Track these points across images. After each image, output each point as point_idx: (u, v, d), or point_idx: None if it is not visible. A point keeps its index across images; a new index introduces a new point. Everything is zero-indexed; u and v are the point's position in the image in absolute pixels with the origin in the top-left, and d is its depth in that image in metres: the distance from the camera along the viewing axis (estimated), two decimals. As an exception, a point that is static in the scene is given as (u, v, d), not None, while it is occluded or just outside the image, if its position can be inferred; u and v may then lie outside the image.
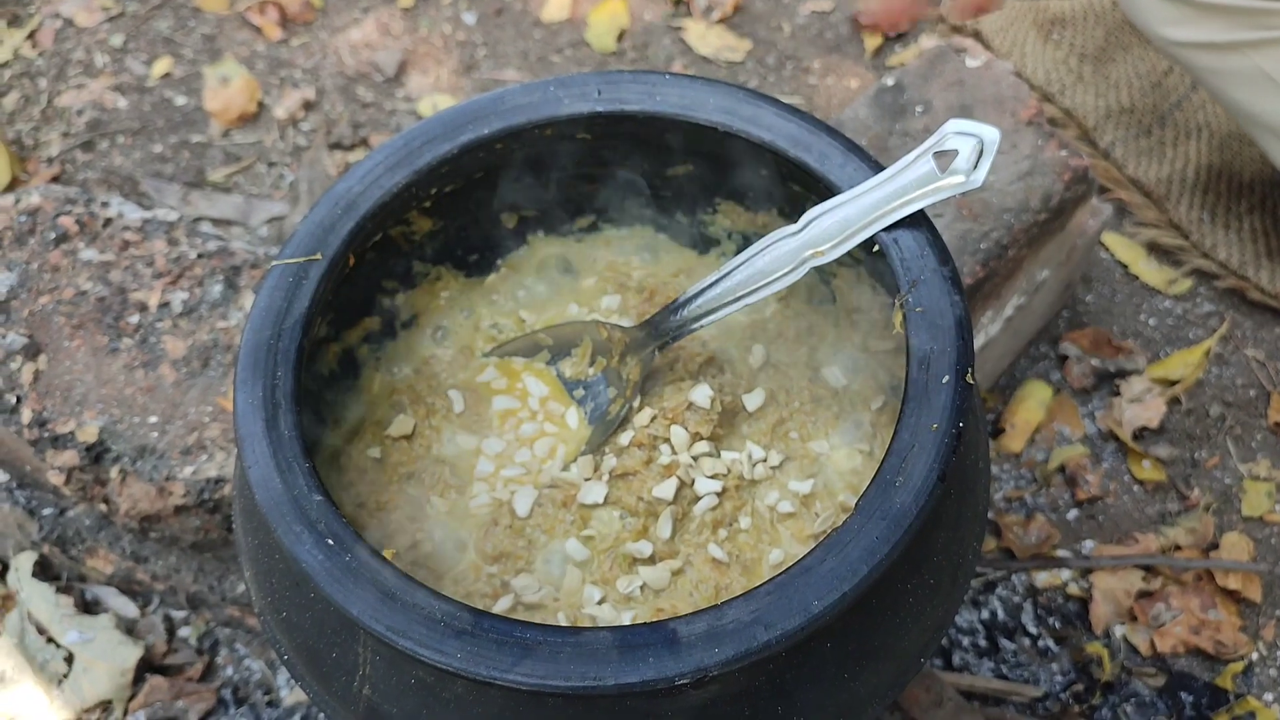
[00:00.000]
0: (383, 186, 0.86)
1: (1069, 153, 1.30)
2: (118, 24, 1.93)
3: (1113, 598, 1.29)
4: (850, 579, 0.68)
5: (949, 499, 0.78)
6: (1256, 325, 1.52)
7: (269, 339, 0.78)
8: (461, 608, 0.67)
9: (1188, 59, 1.35)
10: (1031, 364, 1.49)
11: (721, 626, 0.67)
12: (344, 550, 0.69)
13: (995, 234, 1.24)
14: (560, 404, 0.93)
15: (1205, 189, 1.61)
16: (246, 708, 1.24)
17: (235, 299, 1.18)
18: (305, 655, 0.77)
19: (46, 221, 1.21)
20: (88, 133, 1.79)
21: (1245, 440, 1.43)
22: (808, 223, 0.81)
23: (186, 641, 1.28)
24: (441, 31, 1.91)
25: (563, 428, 0.91)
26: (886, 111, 1.33)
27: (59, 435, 1.09)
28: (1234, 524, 1.36)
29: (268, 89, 1.84)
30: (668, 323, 0.88)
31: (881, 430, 0.89)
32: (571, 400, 0.92)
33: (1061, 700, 1.23)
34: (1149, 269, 1.58)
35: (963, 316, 0.78)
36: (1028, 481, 1.40)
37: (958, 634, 1.26)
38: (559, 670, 0.65)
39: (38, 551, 1.28)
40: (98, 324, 1.15)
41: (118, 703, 1.22)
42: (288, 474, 0.72)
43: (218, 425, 1.10)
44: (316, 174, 1.73)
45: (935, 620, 0.80)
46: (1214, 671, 1.26)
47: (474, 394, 0.93)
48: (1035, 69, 1.72)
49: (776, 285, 0.82)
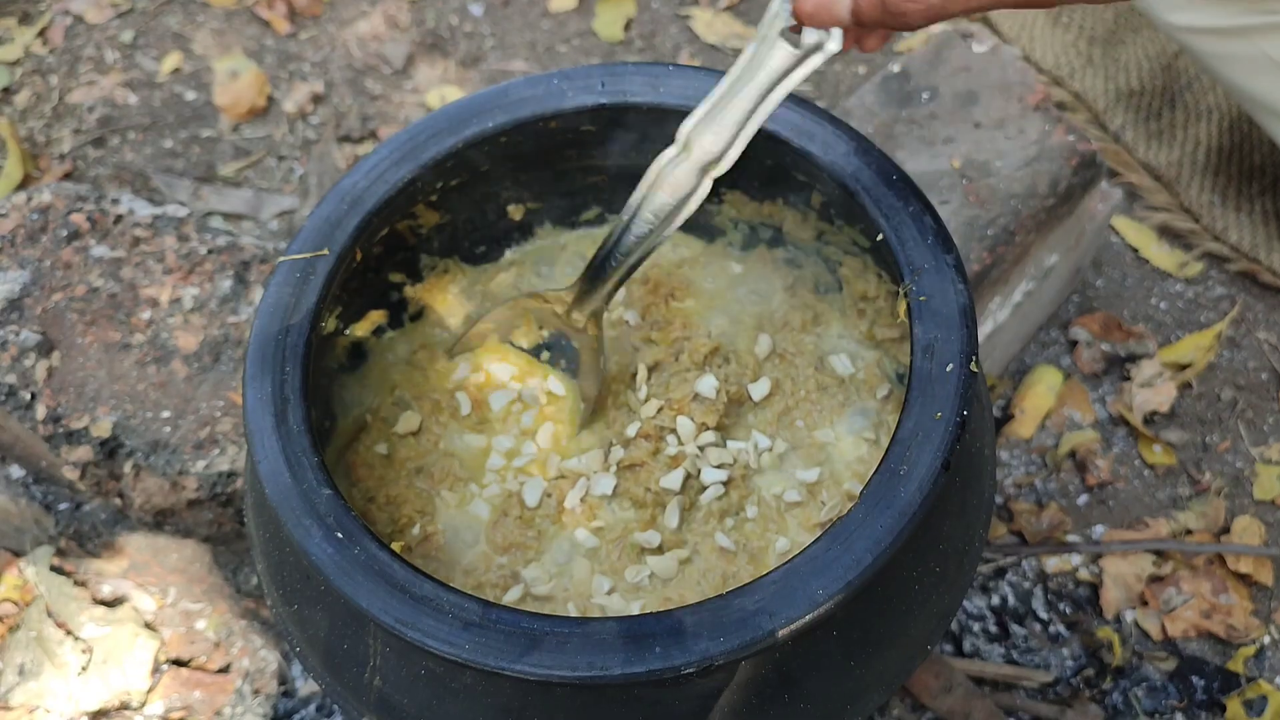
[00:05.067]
0: (388, 181, 0.87)
1: (1077, 137, 1.30)
2: (127, 20, 1.93)
3: (1123, 582, 1.29)
4: (855, 568, 0.68)
5: (954, 487, 0.78)
6: (1268, 308, 1.52)
7: (277, 334, 0.79)
8: (469, 599, 0.68)
9: (1193, 44, 1.35)
10: (1041, 349, 1.49)
11: (727, 616, 0.67)
12: (353, 543, 0.70)
13: (1002, 220, 1.24)
14: (538, 375, 0.93)
15: (1216, 172, 1.60)
16: (262, 698, 1.25)
17: (245, 294, 1.18)
18: (317, 647, 0.77)
19: (58, 219, 1.22)
20: (99, 129, 1.80)
21: (1257, 424, 1.43)
22: (685, 142, 0.79)
23: (203, 634, 1.29)
24: (449, 23, 1.91)
25: (552, 399, 0.92)
26: (893, 98, 1.33)
27: (73, 431, 1.10)
28: (1245, 508, 1.36)
29: (277, 83, 1.84)
30: (602, 275, 0.86)
31: (887, 418, 0.90)
32: (542, 364, 0.93)
33: (1072, 685, 1.23)
34: (1160, 253, 1.57)
35: (966, 304, 0.78)
36: (1038, 467, 1.40)
37: (968, 620, 1.26)
38: (566, 660, 0.66)
39: (55, 546, 1.29)
40: (110, 320, 1.16)
41: (135, 695, 1.23)
42: (297, 468, 0.73)
43: (229, 420, 1.11)
44: (326, 167, 1.74)
45: (942, 608, 0.80)
46: (1225, 655, 1.26)
47: (470, 392, 0.94)
48: (1044, 53, 1.72)
49: (689, 208, 0.81)
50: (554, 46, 1.87)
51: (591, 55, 1.85)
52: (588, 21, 1.90)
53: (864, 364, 0.92)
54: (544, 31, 1.90)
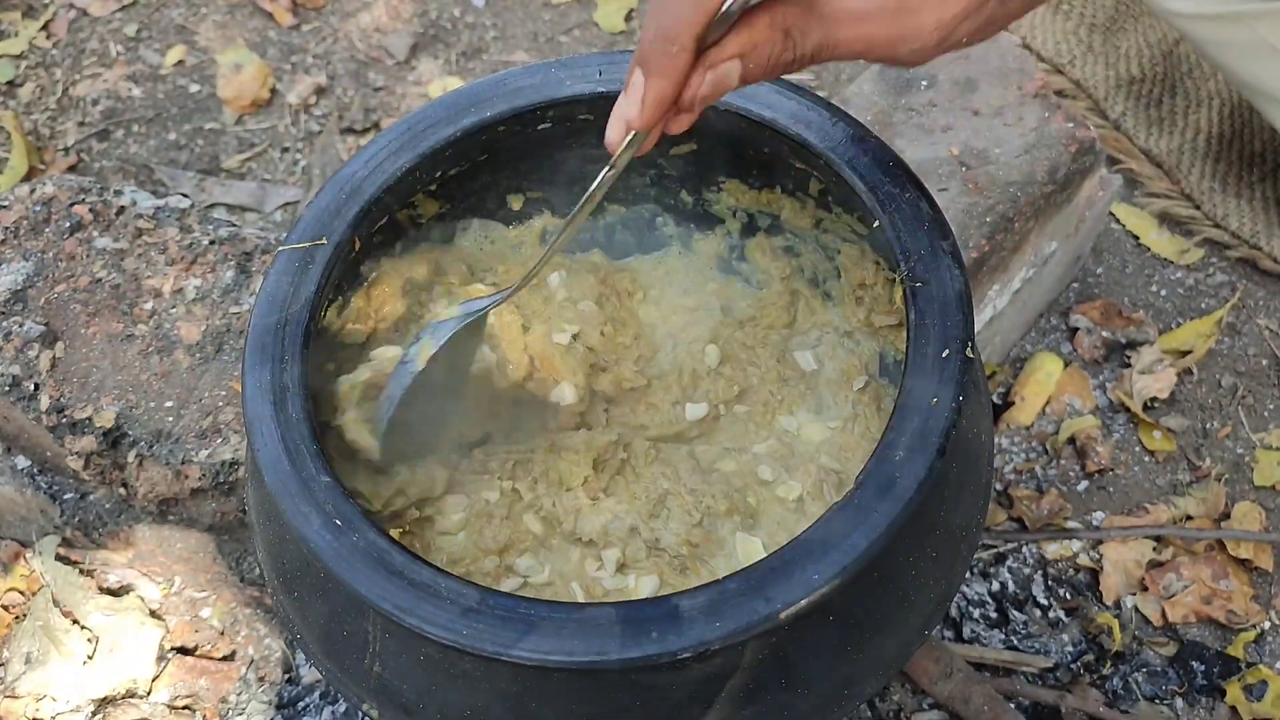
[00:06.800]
0: (387, 171, 0.87)
1: (1075, 124, 1.30)
2: (131, 13, 1.94)
3: (1123, 568, 1.29)
4: (852, 553, 0.69)
5: (950, 472, 0.78)
6: (1269, 295, 1.52)
7: (276, 324, 0.79)
8: (467, 585, 0.69)
9: (1191, 30, 1.34)
10: (1041, 336, 1.49)
11: (723, 601, 0.67)
12: (351, 530, 0.71)
13: (1001, 207, 1.24)
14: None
15: (1216, 158, 1.60)
16: (267, 685, 1.26)
17: (248, 284, 1.19)
18: (317, 634, 0.78)
19: (61, 211, 1.23)
20: (103, 122, 1.81)
21: (1257, 410, 1.43)
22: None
23: (208, 622, 1.30)
24: (451, 14, 1.91)
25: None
26: (891, 87, 1.33)
27: (77, 421, 1.11)
28: (1246, 494, 1.36)
29: (280, 75, 1.85)
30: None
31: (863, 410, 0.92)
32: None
33: (1072, 670, 1.23)
34: (1160, 239, 1.57)
35: (963, 291, 0.78)
36: (1038, 453, 1.40)
37: (968, 605, 1.27)
38: (563, 646, 0.66)
39: (61, 535, 1.30)
40: (113, 311, 1.17)
41: (141, 682, 1.24)
42: (296, 456, 0.74)
43: (232, 409, 1.12)
44: (329, 159, 1.74)
45: (939, 593, 0.81)
46: (1225, 641, 1.26)
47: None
48: (1044, 40, 1.71)
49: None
50: (555, 38, 1.88)
51: (593, 46, 1.85)
52: (589, 12, 1.90)
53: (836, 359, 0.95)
54: (545, 23, 1.90)
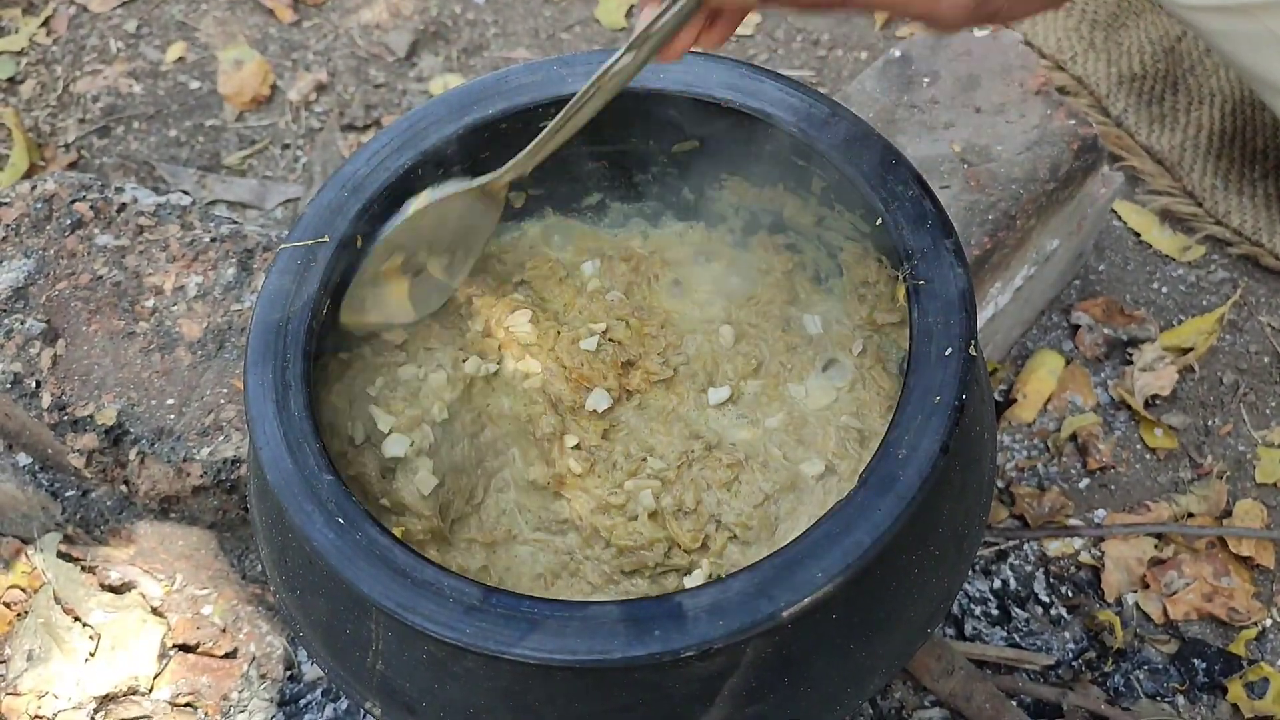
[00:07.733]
0: (389, 168, 0.87)
1: (1078, 122, 1.29)
2: (131, 10, 1.94)
3: (1125, 565, 1.29)
4: (854, 551, 0.69)
5: (953, 470, 0.78)
6: (1270, 292, 1.52)
7: (278, 321, 0.80)
8: (470, 583, 0.69)
9: (1198, 22, 1.34)
10: (1043, 333, 1.49)
11: (726, 599, 0.68)
12: (354, 528, 0.71)
13: (1003, 204, 1.24)
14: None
15: (1218, 155, 1.60)
16: (269, 683, 1.26)
17: (249, 282, 1.19)
18: (320, 632, 0.78)
19: (62, 208, 1.23)
20: (104, 119, 1.81)
21: (1259, 407, 1.43)
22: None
23: (210, 619, 1.30)
24: (451, 11, 1.91)
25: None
26: (894, 84, 1.33)
27: (78, 418, 1.11)
28: (1247, 491, 1.36)
29: (281, 72, 1.85)
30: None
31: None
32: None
33: (1074, 668, 1.23)
34: (1161, 237, 1.57)
35: (965, 289, 0.78)
36: (1040, 451, 1.40)
37: (969, 603, 1.27)
38: (566, 644, 0.66)
39: (62, 533, 1.30)
40: (114, 308, 1.17)
41: (143, 680, 1.24)
42: (298, 454, 0.74)
43: (233, 407, 1.11)
44: (330, 156, 1.74)
45: (941, 591, 0.81)
46: (1227, 638, 1.26)
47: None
48: (1046, 37, 1.71)
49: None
50: (557, 34, 1.87)
51: (595, 43, 1.85)
52: (591, 9, 1.89)
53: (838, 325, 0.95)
54: (547, 19, 1.90)
